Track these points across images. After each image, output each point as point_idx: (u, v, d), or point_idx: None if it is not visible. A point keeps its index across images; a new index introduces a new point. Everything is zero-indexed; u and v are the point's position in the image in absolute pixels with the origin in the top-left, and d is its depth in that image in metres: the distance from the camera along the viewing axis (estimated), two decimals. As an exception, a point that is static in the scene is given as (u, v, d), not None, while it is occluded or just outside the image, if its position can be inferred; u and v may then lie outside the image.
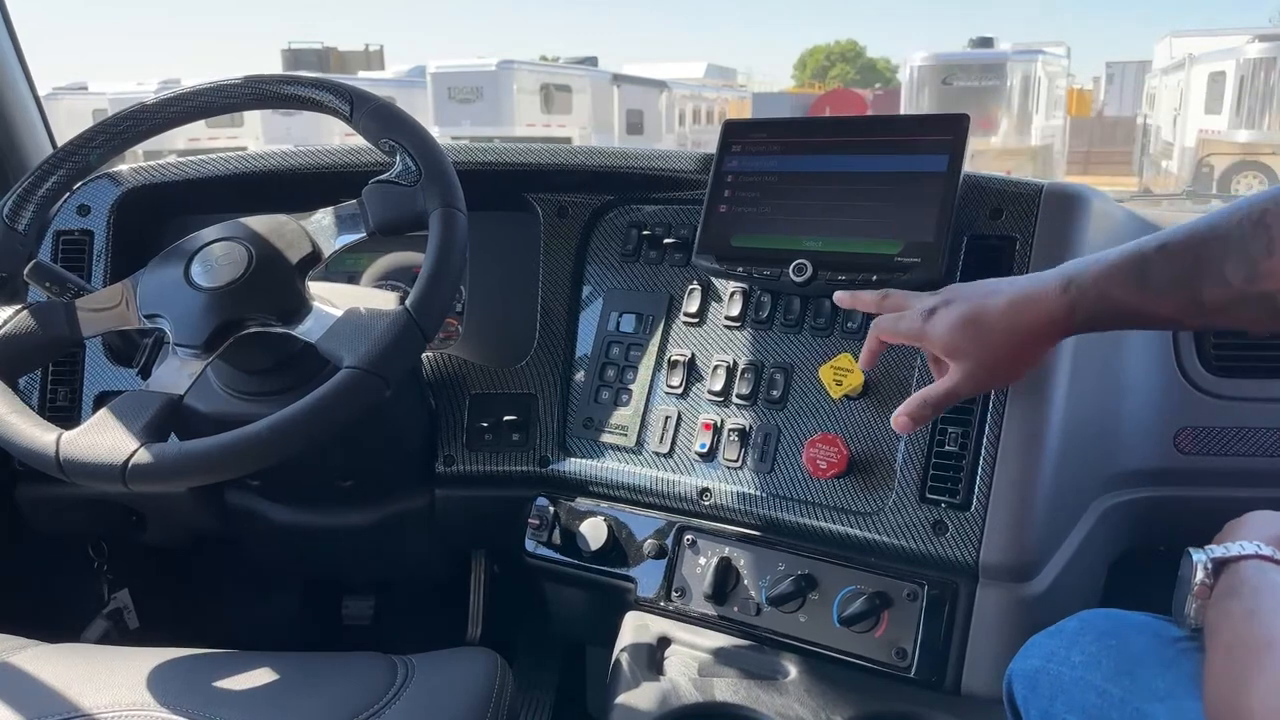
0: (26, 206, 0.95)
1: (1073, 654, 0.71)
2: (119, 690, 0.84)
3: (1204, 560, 0.64)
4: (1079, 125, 20.69)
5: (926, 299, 0.84)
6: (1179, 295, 0.71)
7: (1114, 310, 0.75)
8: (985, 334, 0.79)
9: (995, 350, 0.79)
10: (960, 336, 0.80)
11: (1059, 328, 0.77)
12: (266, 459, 0.81)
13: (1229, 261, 0.68)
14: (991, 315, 0.79)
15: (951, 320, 0.80)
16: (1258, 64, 11.62)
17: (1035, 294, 0.77)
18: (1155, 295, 0.72)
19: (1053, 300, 0.76)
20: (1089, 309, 0.75)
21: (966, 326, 0.79)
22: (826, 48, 51.99)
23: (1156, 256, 0.72)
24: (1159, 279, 0.72)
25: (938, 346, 0.82)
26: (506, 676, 0.91)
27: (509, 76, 15.88)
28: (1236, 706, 0.52)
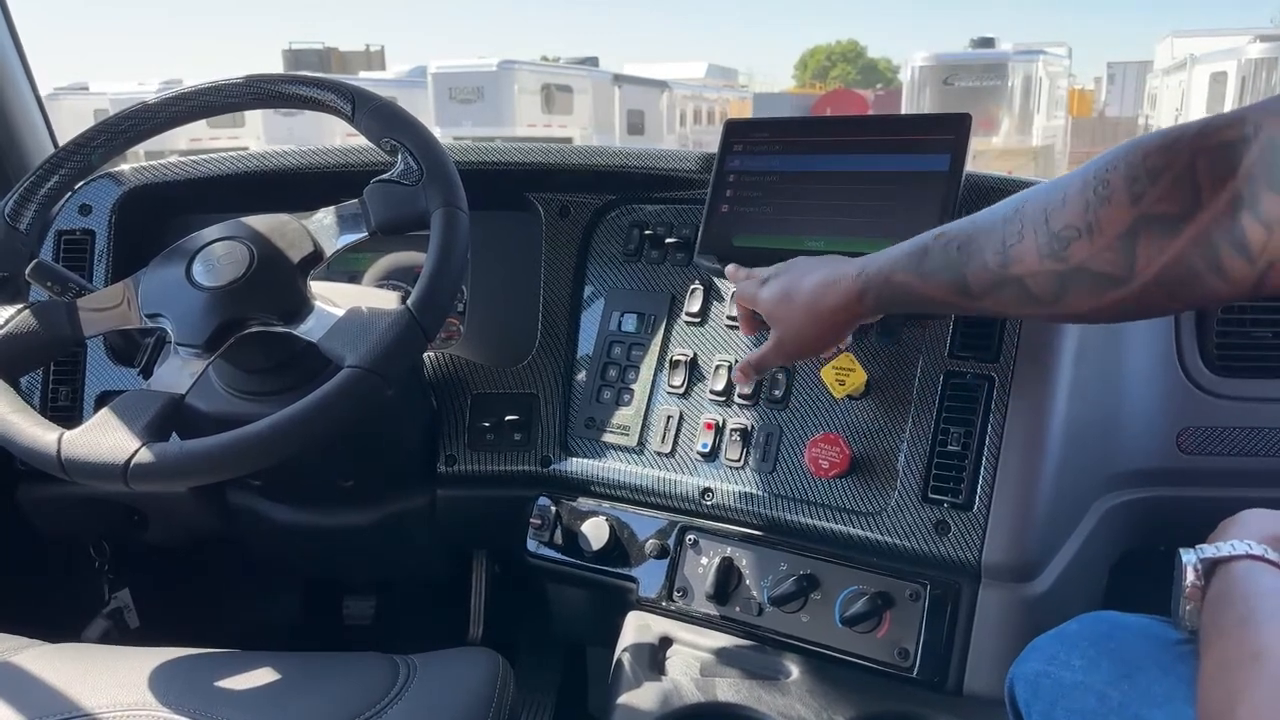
0: (28, 206, 0.95)
1: (1073, 657, 0.71)
2: (120, 690, 0.84)
3: (1194, 561, 0.64)
4: (1080, 125, 20.69)
5: (765, 271, 0.95)
6: (947, 279, 0.76)
7: (897, 294, 0.80)
8: (794, 310, 0.88)
9: (801, 325, 0.89)
10: (776, 308, 0.90)
11: (853, 311, 0.85)
12: (268, 458, 0.81)
13: (989, 247, 0.72)
14: (800, 294, 0.88)
15: (772, 292, 0.91)
16: (1259, 64, 11.62)
17: (836, 278, 0.85)
18: (929, 279, 0.77)
19: (848, 284, 0.83)
20: (876, 293, 0.82)
21: (781, 301, 0.90)
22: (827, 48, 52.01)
23: (934, 244, 0.77)
24: (934, 264, 0.77)
25: (762, 313, 0.94)
26: (508, 677, 0.91)
27: (510, 77, 15.89)
28: (1229, 717, 0.52)
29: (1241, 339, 1.07)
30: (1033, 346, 0.94)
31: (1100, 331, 0.99)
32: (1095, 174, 0.66)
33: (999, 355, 0.95)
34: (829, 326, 0.87)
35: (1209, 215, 0.61)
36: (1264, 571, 0.61)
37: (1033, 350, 0.94)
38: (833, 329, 0.88)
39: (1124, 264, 0.64)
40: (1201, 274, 0.62)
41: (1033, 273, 0.69)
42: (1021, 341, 0.94)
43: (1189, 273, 0.62)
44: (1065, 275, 0.68)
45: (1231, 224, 0.60)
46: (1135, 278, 0.64)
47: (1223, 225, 0.60)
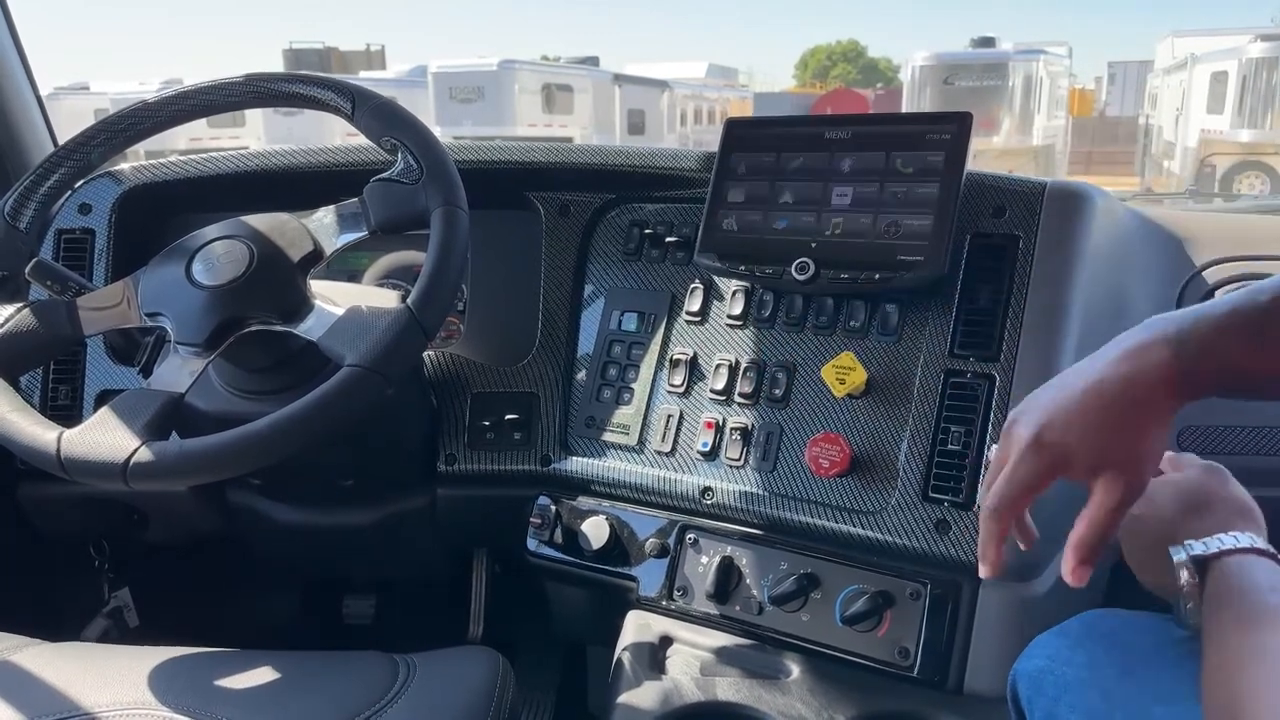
0: (28, 205, 0.95)
1: (1076, 654, 0.71)
2: (119, 689, 0.84)
3: (1185, 560, 0.63)
4: (1081, 125, 20.69)
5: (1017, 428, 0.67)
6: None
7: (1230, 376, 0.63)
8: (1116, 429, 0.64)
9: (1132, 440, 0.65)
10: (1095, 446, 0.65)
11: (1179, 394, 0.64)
12: (268, 457, 0.81)
13: None
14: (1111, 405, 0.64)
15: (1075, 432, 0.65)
16: (1260, 64, 11.60)
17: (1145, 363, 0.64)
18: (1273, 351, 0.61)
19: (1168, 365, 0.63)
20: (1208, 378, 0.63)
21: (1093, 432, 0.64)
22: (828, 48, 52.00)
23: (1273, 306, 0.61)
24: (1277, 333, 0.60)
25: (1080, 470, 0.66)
26: (508, 676, 0.91)
27: (510, 76, 15.88)
28: (1232, 716, 0.52)
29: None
30: (1033, 345, 0.94)
31: (1100, 331, 0.99)
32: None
33: (999, 354, 0.95)
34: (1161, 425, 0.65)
35: None
36: (1259, 565, 0.60)
37: (1033, 349, 0.94)
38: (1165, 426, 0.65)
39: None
40: None
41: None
42: (1022, 340, 0.94)
43: None
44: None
45: None
46: None
47: None
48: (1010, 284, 0.96)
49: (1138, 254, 1.11)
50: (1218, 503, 0.66)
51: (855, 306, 1.03)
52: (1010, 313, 0.96)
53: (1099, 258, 0.99)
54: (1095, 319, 0.97)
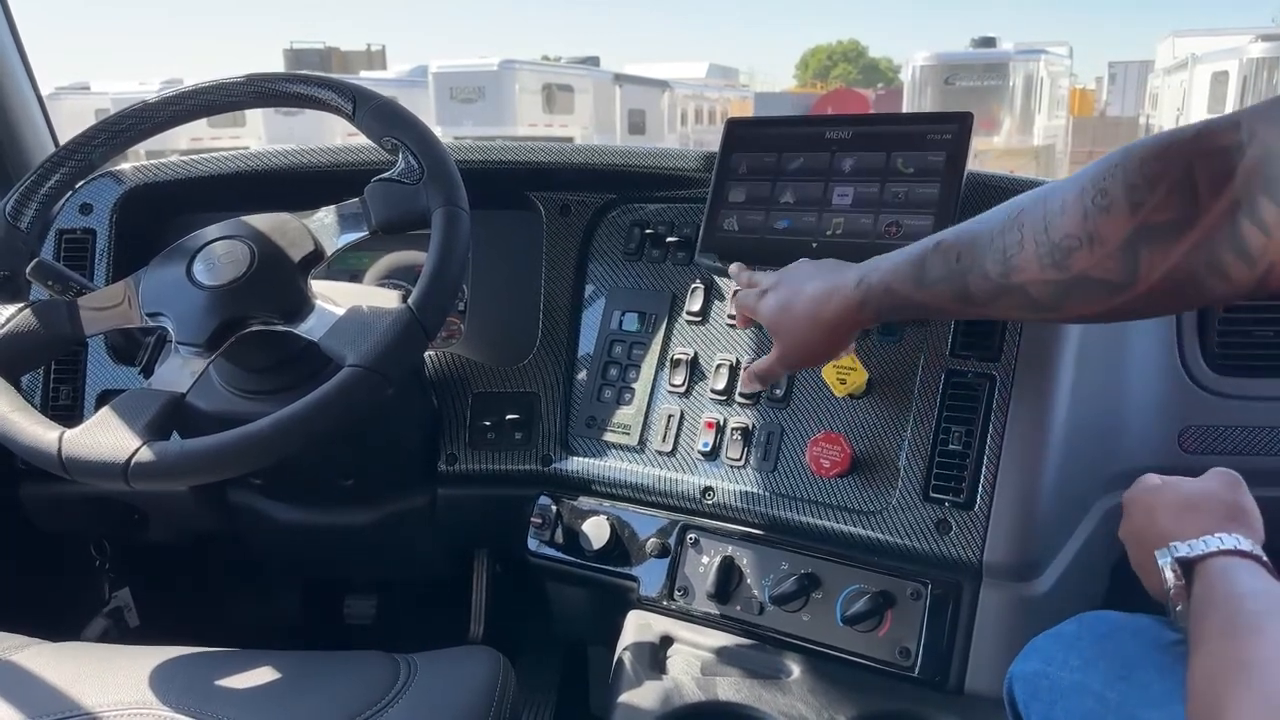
0: (29, 205, 0.95)
1: (1071, 658, 0.71)
2: (120, 689, 0.84)
3: (1170, 562, 0.64)
4: (1081, 125, 20.67)
5: (765, 279, 0.94)
6: (948, 288, 0.76)
7: (897, 303, 0.81)
8: (795, 321, 0.88)
9: (802, 336, 0.88)
10: (778, 320, 0.90)
11: (853, 320, 0.85)
12: (268, 457, 0.81)
13: (989, 256, 0.72)
14: (799, 305, 0.87)
15: (772, 304, 0.91)
16: (1260, 64, 11.61)
17: (834, 287, 0.84)
18: (930, 289, 0.77)
19: (847, 294, 0.83)
20: (876, 303, 0.82)
21: (780, 312, 0.89)
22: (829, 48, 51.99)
23: (933, 253, 0.77)
24: (933, 274, 0.77)
25: (764, 325, 0.94)
26: (509, 675, 0.91)
27: (511, 76, 15.89)
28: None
29: (1243, 338, 1.07)
30: (1034, 346, 0.94)
31: (1102, 331, 0.99)
32: (1092, 182, 0.65)
33: (1000, 354, 0.95)
34: (830, 336, 0.87)
35: (1209, 221, 0.61)
36: (1240, 568, 0.61)
37: (1034, 349, 0.94)
38: (834, 338, 0.88)
39: (1126, 272, 0.64)
40: (1203, 277, 0.62)
41: (1034, 281, 0.69)
42: (1023, 341, 0.94)
43: (1190, 277, 0.62)
44: (1067, 284, 0.67)
45: (1231, 229, 0.60)
46: (1138, 284, 0.64)
47: (1222, 230, 0.60)
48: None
49: (1138, 254, 1.11)
50: (1211, 505, 0.67)
51: (856, 306, 1.03)
52: (1011, 313, 0.95)
53: (1100, 258, 0.99)
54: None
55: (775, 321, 0.90)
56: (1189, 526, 0.65)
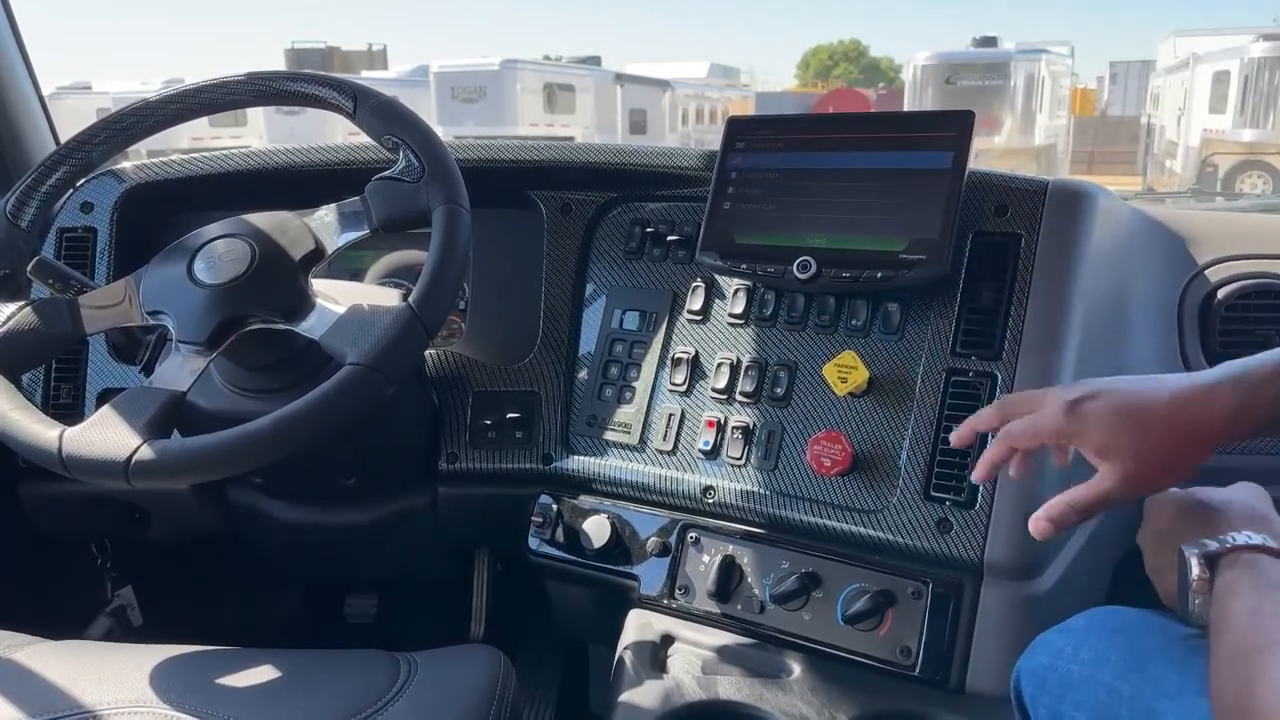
0: (30, 203, 0.95)
1: (1081, 651, 0.71)
2: (122, 687, 0.84)
3: (1197, 554, 0.64)
4: (1083, 125, 20.66)
5: (1061, 391, 0.75)
6: None
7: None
8: (1146, 431, 0.70)
9: (1156, 449, 0.70)
10: (1117, 433, 0.71)
11: (1223, 430, 0.69)
12: (269, 456, 0.81)
13: None
14: (1154, 411, 0.70)
15: (1105, 413, 0.71)
16: (1262, 63, 11.59)
17: (1201, 391, 0.69)
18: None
19: (1223, 399, 0.68)
20: (1261, 411, 0.68)
21: (1125, 421, 0.71)
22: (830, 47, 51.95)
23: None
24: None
25: (1090, 444, 0.72)
26: (509, 674, 0.91)
27: (512, 76, 15.88)
28: (1243, 707, 0.52)
29: (1244, 336, 1.07)
30: (1035, 344, 0.94)
31: (1103, 329, 0.99)
32: None
33: (1001, 353, 0.95)
34: (1193, 450, 0.70)
35: None
36: (1268, 562, 0.61)
37: (1035, 348, 0.94)
38: (1196, 454, 0.70)
39: None
40: None
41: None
42: (1024, 339, 0.94)
43: None
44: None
45: None
46: None
47: None
48: (1012, 283, 0.96)
49: (1140, 253, 1.11)
50: (1236, 510, 0.67)
51: (857, 305, 1.03)
52: (1012, 311, 0.95)
53: (1101, 257, 0.99)
54: (1097, 318, 0.97)
55: (1112, 437, 0.71)
56: (1215, 529, 0.66)
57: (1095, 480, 0.72)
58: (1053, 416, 0.74)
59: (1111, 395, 0.72)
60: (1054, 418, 0.74)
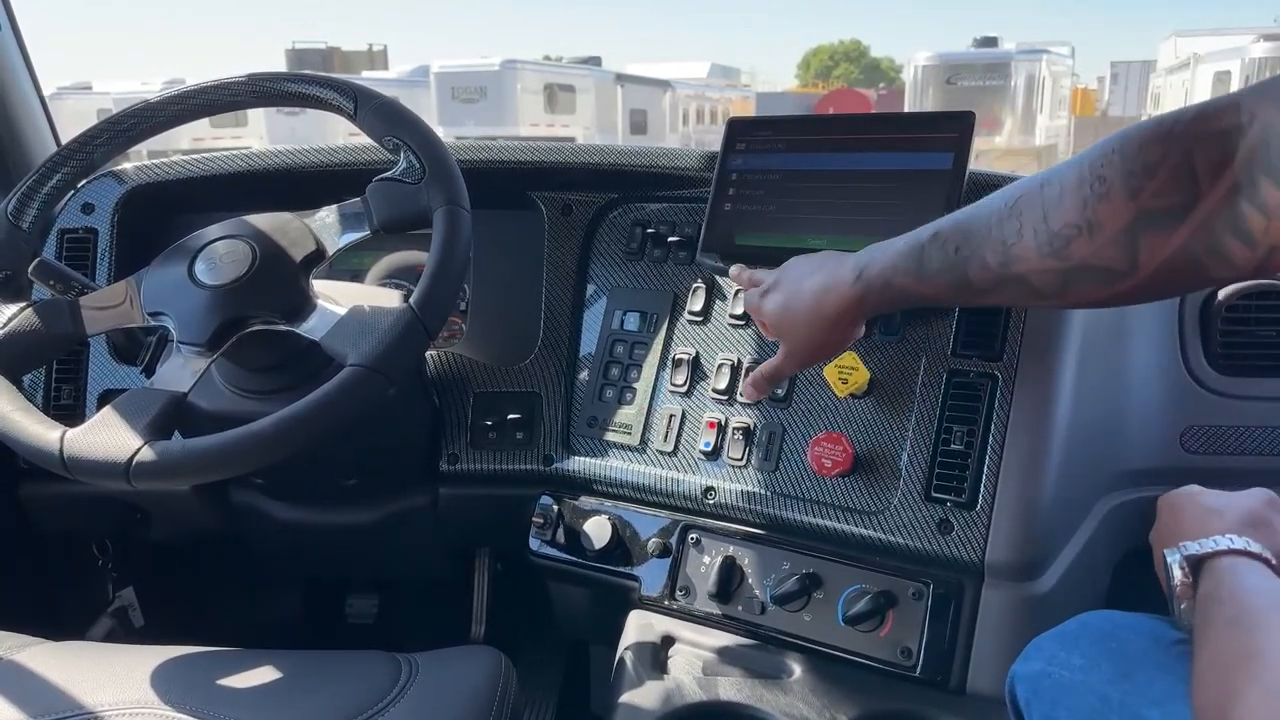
0: (31, 204, 0.95)
1: (1073, 657, 0.71)
2: (124, 688, 0.84)
3: (1178, 560, 0.64)
4: (1083, 125, 20.65)
5: (764, 277, 0.94)
6: (949, 279, 0.76)
7: (896, 296, 0.81)
8: (797, 320, 0.88)
9: (807, 334, 0.88)
10: (780, 320, 0.90)
11: (855, 314, 0.85)
12: (270, 457, 0.81)
13: (988, 246, 0.72)
14: (800, 302, 0.87)
15: (774, 304, 0.90)
16: (1262, 63, 11.60)
17: (833, 283, 0.84)
18: (929, 280, 0.77)
19: (846, 289, 0.83)
20: (877, 296, 0.82)
21: (782, 312, 0.89)
22: (830, 47, 51.95)
23: (930, 244, 0.77)
24: (932, 265, 0.77)
25: (767, 326, 0.93)
26: (510, 675, 0.91)
27: (513, 76, 15.89)
28: (1222, 717, 0.52)
29: (1245, 338, 1.07)
30: (1036, 345, 0.94)
31: (1104, 330, 0.99)
32: (1090, 168, 0.65)
33: (1002, 354, 0.95)
34: (833, 332, 0.87)
35: (1209, 205, 0.60)
36: (1248, 568, 0.61)
37: (1036, 349, 0.94)
38: (837, 334, 0.87)
39: (1126, 258, 0.64)
40: (1204, 261, 0.62)
41: (1035, 270, 0.69)
42: (1025, 340, 0.94)
43: (1192, 261, 0.62)
44: (1068, 272, 0.67)
45: (1231, 212, 0.59)
46: (1138, 270, 0.64)
47: (1223, 214, 0.60)
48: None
49: (1140, 254, 1.11)
50: (1233, 512, 0.67)
51: (858, 306, 1.03)
52: (1013, 312, 0.95)
53: (1102, 257, 0.99)
54: (1097, 318, 0.97)
55: (778, 321, 0.90)
56: (1206, 529, 0.66)
57: (773, 358, 0.94)
58: (751, 298, 0.95)
59: (780, 287, 0.90)
60: (751, 299, 0.95)
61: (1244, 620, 0.56)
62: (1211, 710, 0.53)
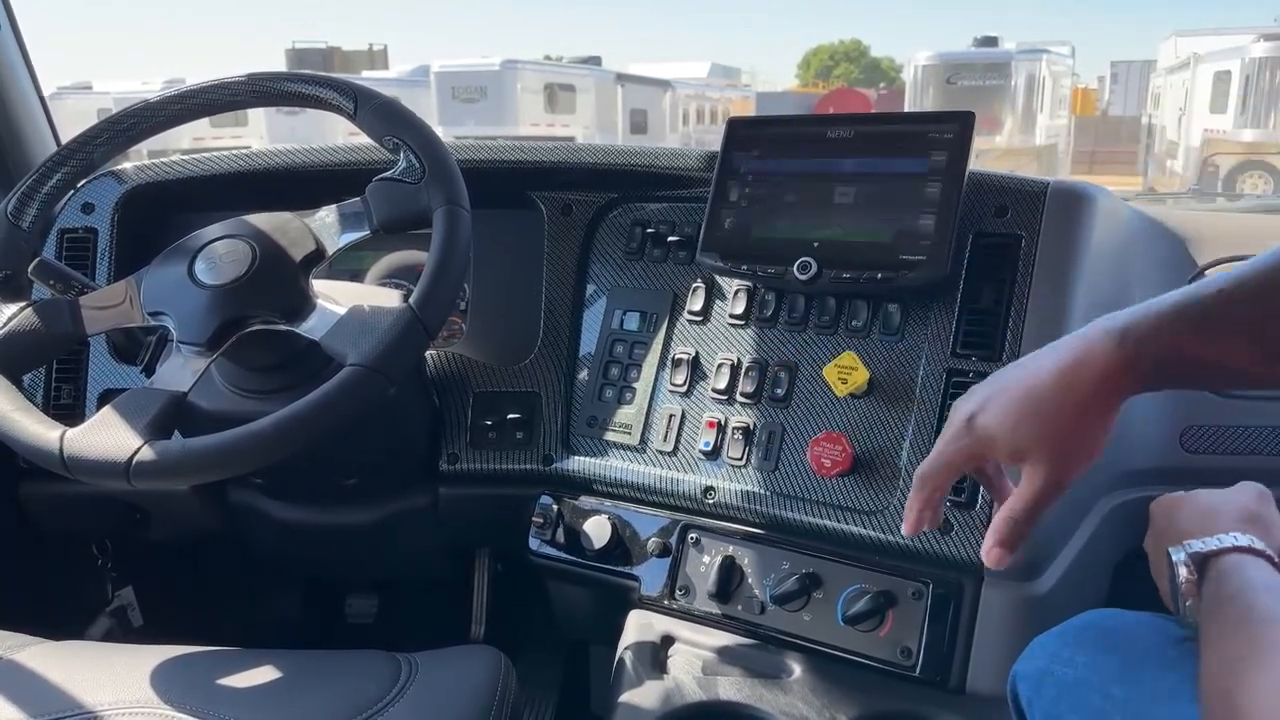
0: (31, 204, 0.95)
1: (1077, 655, 0.71)
2: (123, 688, 0.84)
3: (1183, 558, 0.64)
4: (1084, 125, 20.66)
5: (959, 408, 0.72)
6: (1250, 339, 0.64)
7: (1176, 360, 0.65)
8: (1042, 418, 0.67)
9: (1059, 433, 0.67)
10: (1019, 433, 0.68)
11: (1119, 388, 0.66)
12: (270, 457, 0.81)
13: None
14: (1042, 394, 0.67)
15: (1001, 418, 0.69)
16: (1263, 63, 11.58)
17: (1083, 356, 0.67)
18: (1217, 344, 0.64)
19: (1107, 358, 0.66)
20: (1154, 361, 0.65)
21: (1020, 419, 0.68)
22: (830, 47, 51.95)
23: (1216, 300, 0.64)
24: (1221, 325, 0.64)
25: (1002, 454, 0.70)
26: (510, 675, 0.91)
27: (513, 76, 15.88)
28: (1232, 712, 0.52)
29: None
30: (1035, 346, 0.93)
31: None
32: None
33: (1002, 354, 0.95)
34: (1095, 418, 0.67)
35: None
36: (1253, 564, 0.61)
37: (1035, 349, 0.93)
38: (1101, 420, 0.67)
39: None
40: None
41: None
42: (1024, 341, 0.94)
43: None
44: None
45: None
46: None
47: None
48: (1012, 284, 0.96)
49: (1141, 254, 1.11)
50: (1230, 511, 0.67)
51: (857, 306, 1.03)
52: (1012, 312, 0.95)
53: (1102, 257, 0.99)
54: (1095, 317, 0.97)
55: (1017, 440, 0.68)
56: (1207, 530, 0.65)
57: (1023, 485, 0.69)
58: (955, 441, 0.71)
59: (1000, 397, 0.69)
60: (957, 442, 0.71)
61: (1252, 615, 0.56)
62: (1221, 704, 0.54)
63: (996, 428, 0.68)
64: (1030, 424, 0.67)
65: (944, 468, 0.73)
